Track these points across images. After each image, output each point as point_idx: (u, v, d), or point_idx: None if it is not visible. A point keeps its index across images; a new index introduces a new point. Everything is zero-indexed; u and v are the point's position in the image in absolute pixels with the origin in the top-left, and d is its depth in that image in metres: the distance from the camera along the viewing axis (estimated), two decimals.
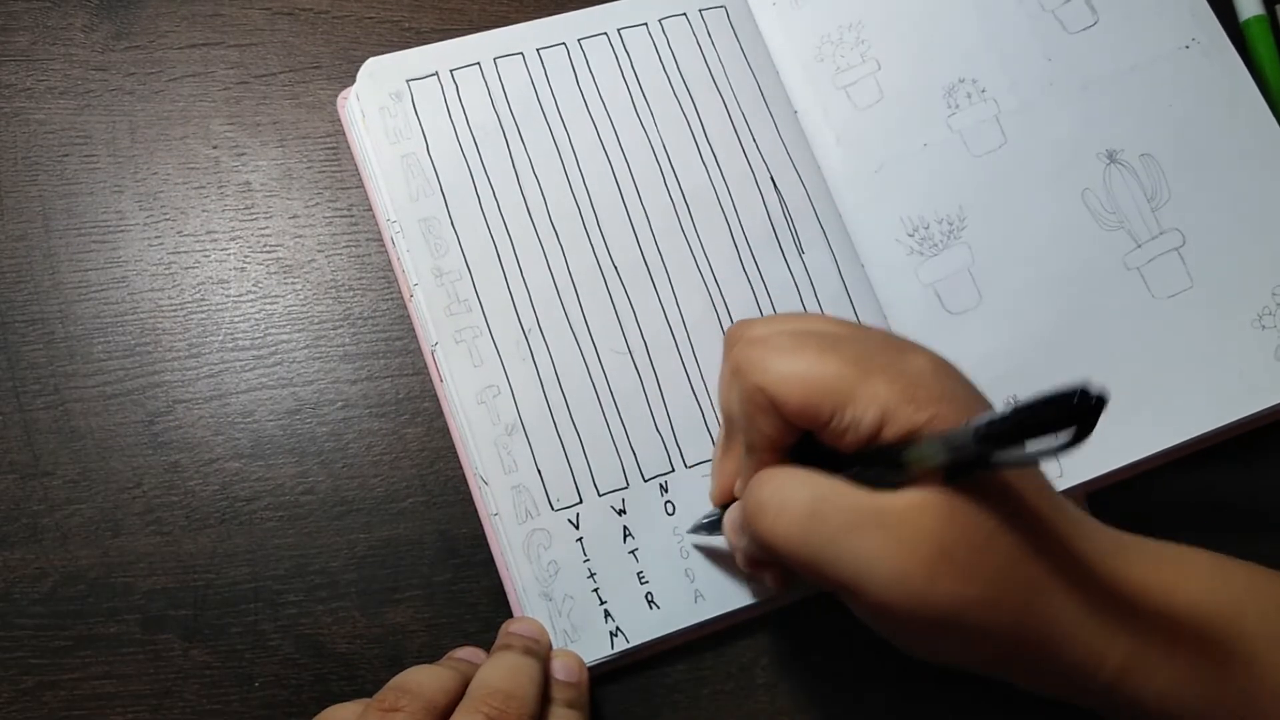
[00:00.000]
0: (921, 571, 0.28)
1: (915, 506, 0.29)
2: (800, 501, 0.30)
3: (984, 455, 0.26)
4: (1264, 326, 0.42)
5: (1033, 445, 0.24)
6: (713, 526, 0.38)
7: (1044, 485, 0.31)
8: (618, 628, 0.38)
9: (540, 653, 0.36)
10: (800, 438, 0.32)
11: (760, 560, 0.35)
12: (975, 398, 0.31)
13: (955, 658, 0.31)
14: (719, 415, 0.40)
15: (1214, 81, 0.45)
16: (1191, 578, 0.31)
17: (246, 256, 0.42)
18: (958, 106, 0.44)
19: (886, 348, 0.31)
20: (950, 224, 0.43)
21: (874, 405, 0.29)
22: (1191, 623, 0.30)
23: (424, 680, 0.33)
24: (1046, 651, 0.30)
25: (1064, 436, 0.23)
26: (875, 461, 0.30)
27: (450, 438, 0.40)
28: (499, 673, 0.34)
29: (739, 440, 0.34)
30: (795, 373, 0.30)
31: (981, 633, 0.29)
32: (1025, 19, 0.45)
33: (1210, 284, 0.42)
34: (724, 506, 0.37)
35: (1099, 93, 0.44)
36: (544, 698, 0.35)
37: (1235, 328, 0.42)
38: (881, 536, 0.29)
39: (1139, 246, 0.43)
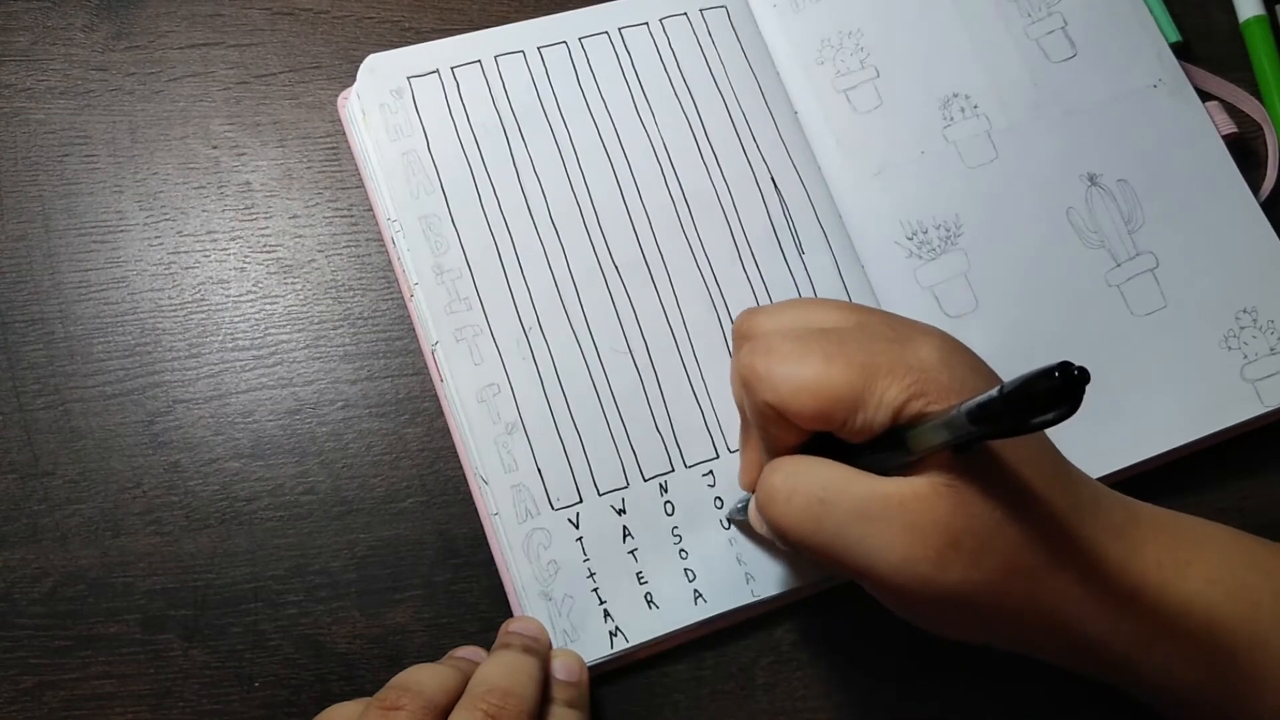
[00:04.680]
0: (930, 558, 0.29)
1: (923, 495, 0.29)
2: (810, 490, 0.30)
3: (980, 434, 0.27)
4: (1229, 348, 0.43)
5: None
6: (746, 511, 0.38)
7: (1055, 466, 0.31)
8: (617, 627, 0.38)
9: (540, 651, 0.36)
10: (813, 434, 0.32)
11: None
12: (984, 381, 0.31)
13: (967, 635, 0.32)
14: (726, 412, 0.40)
15: (1177, 121, 0.46)
16: (1207, 560, 0.32)
17: (246, 256, 0.42)
18: (952, 119, 0.45)
19: (892, 340, 0.31)
20: (948, 230, 0.43)
21: (884, 408, 0.29)
22: (1198, 609, 0.31)
23: (425, 679, 0.33)
24: (1054, 631, 0.31)
25: (1053, 412, 0.24)
26: (881, 445, 0.30)
27: (450, 438, 0.40)
28: (497, 670, 0.34)
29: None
30: (803, 385, 0.30)
31: (991, 614, 0.30)
32: (1012, 45, 0.46)
33: (1181, 305, 0.44)
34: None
35: (1080, 119, 0.46)
36: (544, 697, 0.35)
37: (1205, 347, 0.43)
38: (890, 525, 0.29)
39: (1118, 265, 0.44)
